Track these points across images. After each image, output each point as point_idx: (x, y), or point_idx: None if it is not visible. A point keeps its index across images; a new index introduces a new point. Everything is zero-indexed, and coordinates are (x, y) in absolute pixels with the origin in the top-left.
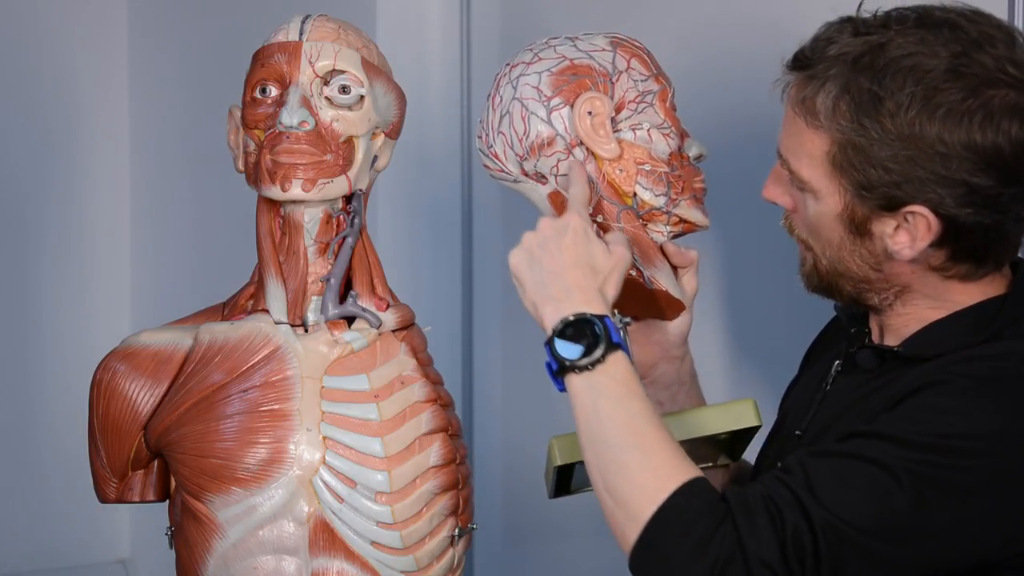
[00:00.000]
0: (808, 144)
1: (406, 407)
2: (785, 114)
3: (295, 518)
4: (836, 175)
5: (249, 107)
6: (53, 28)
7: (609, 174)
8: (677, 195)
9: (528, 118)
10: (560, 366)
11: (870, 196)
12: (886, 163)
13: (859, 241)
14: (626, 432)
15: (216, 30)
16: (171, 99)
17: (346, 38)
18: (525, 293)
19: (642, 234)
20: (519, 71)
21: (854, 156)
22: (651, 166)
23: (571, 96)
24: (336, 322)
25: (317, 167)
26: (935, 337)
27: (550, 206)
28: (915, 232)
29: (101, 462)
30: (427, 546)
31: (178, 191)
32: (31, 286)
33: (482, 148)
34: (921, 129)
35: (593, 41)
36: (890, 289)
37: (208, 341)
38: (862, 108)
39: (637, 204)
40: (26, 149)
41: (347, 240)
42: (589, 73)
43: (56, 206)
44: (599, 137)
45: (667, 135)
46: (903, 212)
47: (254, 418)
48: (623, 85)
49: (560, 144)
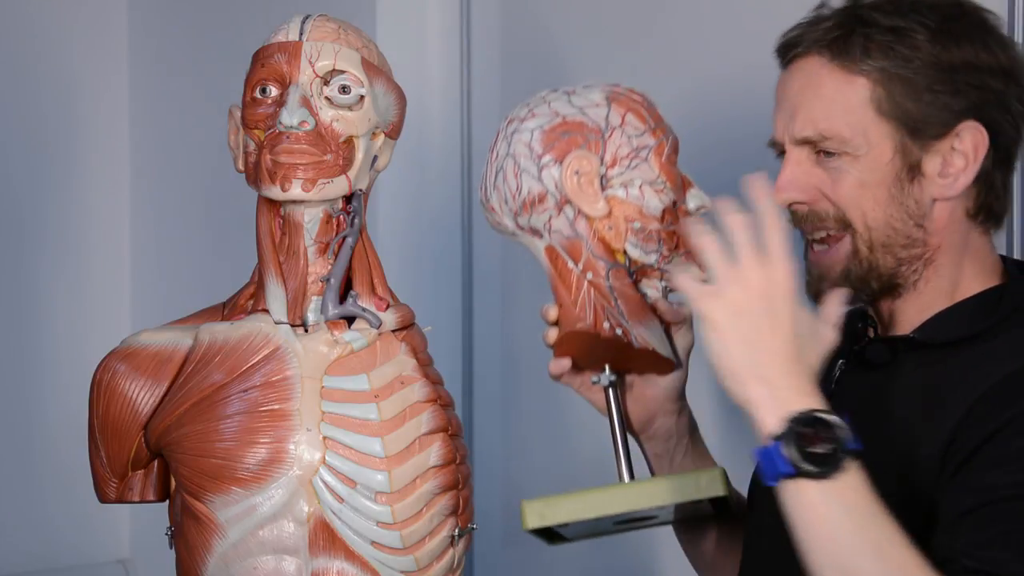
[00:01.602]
0: (845, 98)
1: (406, 407)
2: (801, 88)
3: (295, 518)
4: (882, 120)
5: (249, 107)
6: (53, 28)
7: (599, 231)
8: (670, 251)
9: (520, 175)
10: (796, 470)
11: (922, 127)
12: (933, 86)
13: (907, 189)
14: (877, 559)
15: (216, 30)
16: (171, 99)
17: (346, 38)
18: (726, 360)
19: (631, 292)
20: (514, 127)
21: (899, 89)
22: (641, 223)
23: (561, 154)
24: (336, 322)
25: (317, 167)
26: (943, 324)
27: (547, 260)
28: (969, 150)
29: (101, 462)
30: (427, 546)
31: (178, 191)
32: (31, 286)
33: (481, 200)
34: (954, 51)
35: (589, 96)
36: (923, 256)
37: (208, 341)
38: (896, 42)
39: (628, 262)
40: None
41: (347, 240)
42: (581, 130)
43: (56, 206)
44: (586, 196)
45: (660, 191)
46: (954, 133)
47: (254, 418)
48: (616, 141)
49: (551, 201)
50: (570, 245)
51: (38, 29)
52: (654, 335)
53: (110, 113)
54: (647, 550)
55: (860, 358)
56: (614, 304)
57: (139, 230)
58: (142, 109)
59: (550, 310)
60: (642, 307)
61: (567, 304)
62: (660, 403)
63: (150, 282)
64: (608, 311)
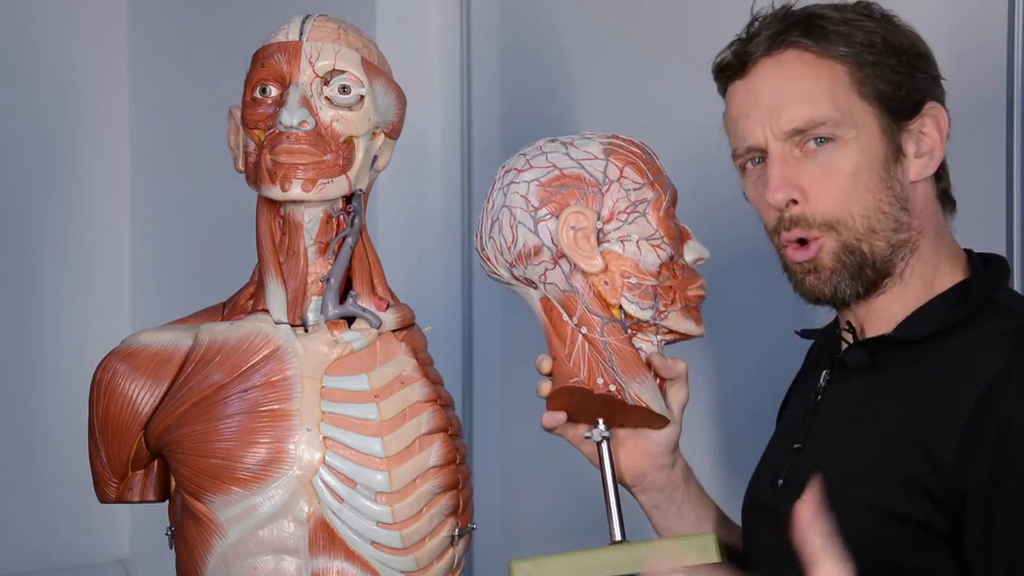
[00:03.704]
0: (828, 83)
1: (406, 407)
2: (781, 83)
3: (295, 518)
4: (863, 102)
5: (249, 107)
6: (53, 28)
7: (595, 285)
8: (666, 306)
9: (516, 227)
10: None
11: (897, 107)
12: (896, 67)
13: (893, 172)
14: None
15: (216, 30)
16: (171, 99)
17: (346, 38)
18: None
19: (626, 348)
20: (510, 178)
21: (872, 72)
22: (637, 279)
23: (557, 208)
24: (336, 322)
25: (317, 167)
26: (919, 321)
27: (542, 311)
28: (935, 130)
29: (101, 462)
30: (427, 546)
31: (178, 191)
32: (31, 286)
33: (477, 248)
34: (897, 37)
35: (587, 148)
36: (910, 242)
37: (208, 341)
38: (851, 31)
39: (624, 316)
40: (26, 149)
41: (347, 240)
42: (578, 183)
43: (56, 206)
44: (582, 251)
45: (657, 246)
46: (922, 114)
47: (254, 418)
48: (613, 195)
49: (546, 254)
50: (565, 299)
51: (38, 29)
52: (648, 391)
53: (110, 113)
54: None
55: (841, 365)
56: (608, 360)
57: (139, 230)
58: (142, 109)
59: (544, 361)
60: (637, 363)
61: (561, 358)
62: (653, 457)
63: (150, 282)
64: (602, 366)
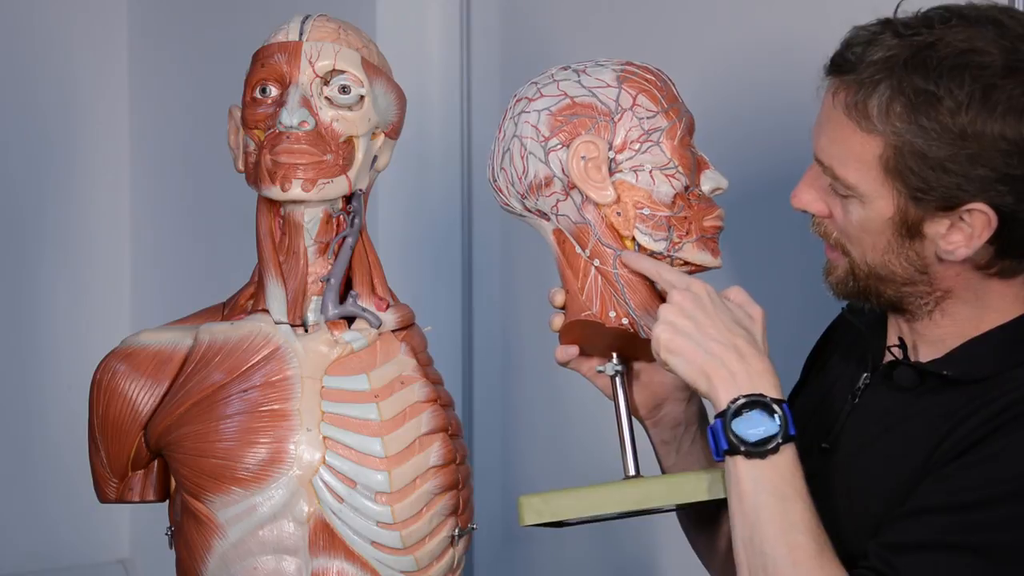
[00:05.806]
0: (858, 149)
1: (406, 407)
2: (827, 119)
3: (295, 518)
4: (889, 179)
5: (249, 107)
6: (53, 28)
7: (608, 216)
8: (681, 238)
9: (527, 157)
10: (731, 447)
11: (927, 198)
12: (945, 163)
13: (908, 244)
14: (782, 543)
15: (216, 30)
16: (171, 99)
17: (346, 38)
18: (689, 364)
19: (639, 280)
20: (521, 107)
21: (911, 159)
22: (651, 210)
23: (568, 137)
24: (336, 322)
25: (317, 167)
26: (978, 357)
27: (555, 243)
28: (972, 230)
29: (101, 462)
30: (427, 546)
31: (178, 191)
32: (31, 286)
33: (489, 180)
34: (983, 126)
35: (600, 76)
36: (932, 294)
37: (208, 341)
38: (919, 108)
39: (637, 248)
40: (26, 149)
41: (347, 240)
42: (590, 112)
43: (56, 206)
44: (593, 182)
45: (671, 176)
46: (960, 211)
47: (254, 418)
48: (626, 124)
49: (558, 185)
50: (577, 230)
51: (38, 29)
52: None
53: (110, 113)
54: (648, 546)
55: (886, 377)
56: (621, 293)
57: (139, 230)
58: (142, 109)
59: (556, 294)
60: (650, 296)
61: (574, 291)
62: (668, 390)
63: (150, 282)
64: (615, 300)
